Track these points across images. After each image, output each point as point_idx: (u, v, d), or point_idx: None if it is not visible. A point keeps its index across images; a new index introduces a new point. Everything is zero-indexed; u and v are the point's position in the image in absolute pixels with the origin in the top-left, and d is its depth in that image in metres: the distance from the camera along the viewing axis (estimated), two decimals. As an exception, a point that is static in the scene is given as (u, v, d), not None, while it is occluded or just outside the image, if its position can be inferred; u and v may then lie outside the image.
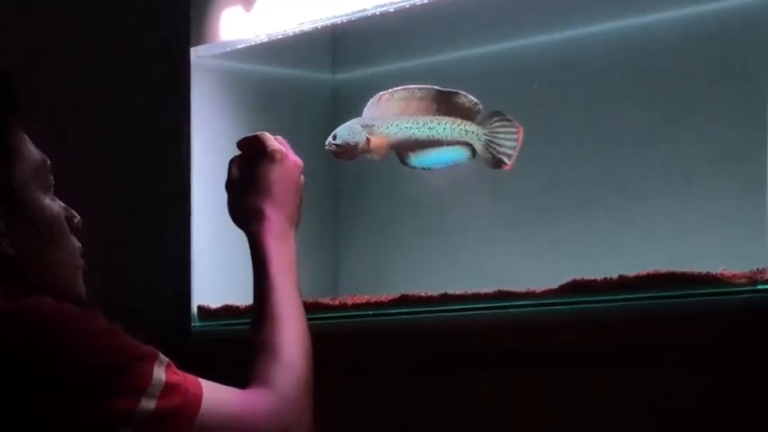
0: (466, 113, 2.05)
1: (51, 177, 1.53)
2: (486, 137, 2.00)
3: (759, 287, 1.84)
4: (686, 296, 1.90)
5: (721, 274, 1.89)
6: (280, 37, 2.49)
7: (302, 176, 1.70)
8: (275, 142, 1.69)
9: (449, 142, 1.93)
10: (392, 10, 2.27)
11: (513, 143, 2.07)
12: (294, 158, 1.70)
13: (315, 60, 2.80)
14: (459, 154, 2.00)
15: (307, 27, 2.44)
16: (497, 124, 2.06)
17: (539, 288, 2.08)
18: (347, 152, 1.96)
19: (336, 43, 2.81)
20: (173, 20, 2.64)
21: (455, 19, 2.48)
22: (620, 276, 1.98)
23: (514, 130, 2.04)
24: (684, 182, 2.24)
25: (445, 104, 2.05)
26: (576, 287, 2.03)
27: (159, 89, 2.72)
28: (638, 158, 2.30)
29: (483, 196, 2.49)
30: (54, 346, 1.36)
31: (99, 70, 2.79)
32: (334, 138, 1.93)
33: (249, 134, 1.72)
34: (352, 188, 2.76)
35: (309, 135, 2.78)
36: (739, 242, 2.09)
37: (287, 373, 1.50)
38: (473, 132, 2.00)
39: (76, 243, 1.54)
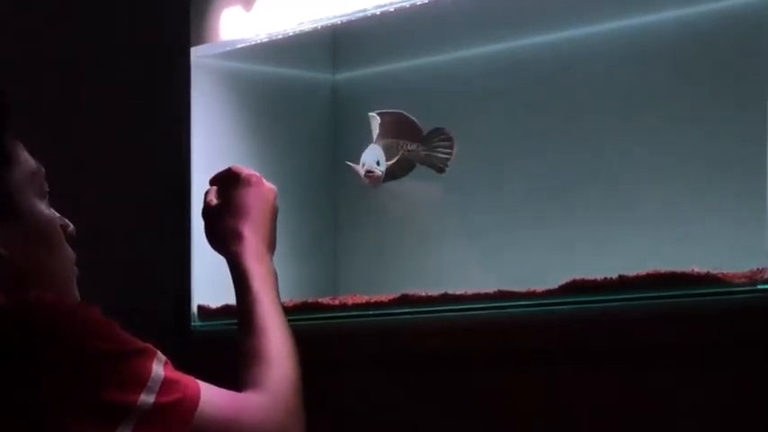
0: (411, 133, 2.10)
1: (46, 185, 1.54)
2: (425, 152, 2.04)
3: (759, 287, 1.84)
4: (686, 296, 1.90)
5: (722, 274, 1.89)
6: (280, 37, 2.49)
7: (276, 203, 1.75)
8: (247, 170, 1.75)
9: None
10: (392, 10, 2.27)
11: (447, 155, 2.11)
12: (269, 184, 1.75)
13: (315, 60, 2.80)
14: None
15: (307, 27, 2.44)
16: (436, 140, 2.10)
17: (539, 288, 2.08)
18: (381, 177, 1.97)
19: (336, 43, 2.81)
20: (173, 20, 2.64)
21: (455, 19, 2.48)
22: (620, 276, 1.98)
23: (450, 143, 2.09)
24: (684, 182, 2.24)
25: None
26: (576, 287, 2.03)
27: (159, 89, 2.72)
28: (638, 158, 2.30)
29: (483, 197, 2.49)
30: (54, 339, 1.37)
31: (99, 70, 2.79)
32: (378, 164, 1.91)
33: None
34: (351, 188, 2.76)
35: (309, 135, 2.80)
36: (739, 242, 2.09)
37: (277, 376, 1.55)
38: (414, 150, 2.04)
39: (70, 251, 1.55)
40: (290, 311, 2.42)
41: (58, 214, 1.55)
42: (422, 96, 2.64)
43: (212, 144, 2.63)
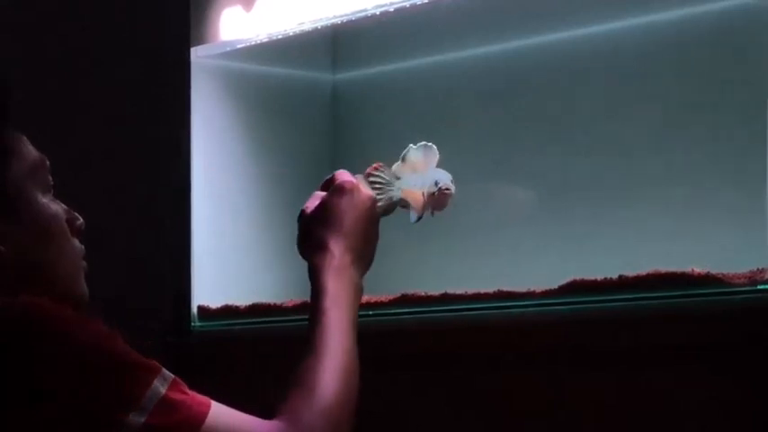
0: None
1: (50, 178, 1.52)
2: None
3: (759, 287, 1.84)
4: (686, 296, 1.90)
5: (722, 275, 1.89)
6: (280, 37, 2.49)
7: (374, 212, 1.62)
8: (347, 175, 1.62)
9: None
10: (392, 10, 2.27)
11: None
12: (366, 191, 1.61)
13: (315, 60, 2.80)
14: None
15: (307, 27, 2.44)
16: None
17: (539, 288, 2.08)
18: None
19: (336, 43, 2.81)
20: (173, 20, 2.64)
21: (455, 19, 2.48)
22: (620, 276, 1.98)
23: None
24: (684, 182, 2.24)
25: None
26: (576, 287, 2.03)
27: (159, 89, 2.72)
28: (638, 159, 2.30)
29: (483, 197, 2.48)
30: (45, 348, 1.34)
31: (99, 70, 2.79)
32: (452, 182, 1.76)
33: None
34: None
35: (309, 135, 2.80)
36: (739, 242, 2.09)
37: (317, 409, 1.42)
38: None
39: (78, 245, 1.52)
40: (290, 312, 2.45)
41: (65, 207, 1.52)
42: (422, 96, 2.64)
43: (212, 144, 2.63)
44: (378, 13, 2.29)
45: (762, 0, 2.06)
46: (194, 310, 2.57)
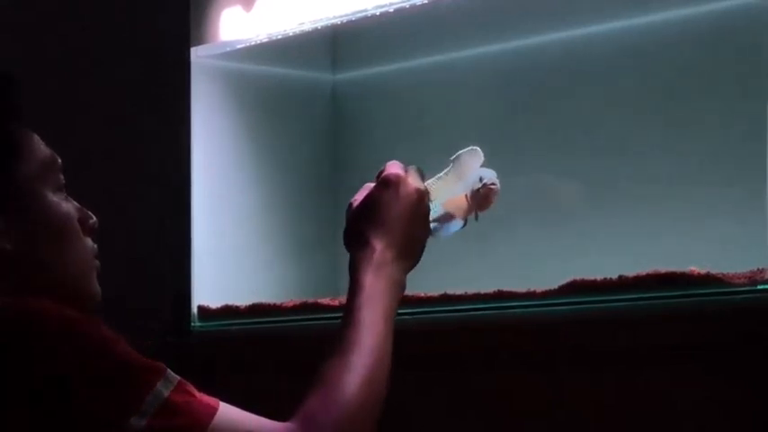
0: None
1: (62, 177, 1.50)
2: None
3: (759, 287, 1.84)
4: (686, 296, 1.90)
5: (722, 275, 1.89)
6: (280, 37, 2.49)
7: (421, 205, 1.54)
8: (395, 167, 1.55)
9: None
10: (392, 10, 2.27)
11: None
12: (413, 185, 1.54)
13: (315, 60, 2.80)
14: None
15: (307, 27, 2.44)
16: None
17: (539, 288, 2.08)
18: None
19: (336, 43, 2.81)
20: (173, 20, 2.64)
21: (455, 19, 2.48)
22: (620, 276, 1.98)
23: None
24: (684, 182, 2.24)
25: None
26: (576, 287, 2.03)
27: (159, 89, 2.72)
28: (638, 159, 2.30)
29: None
30: (45, 349, 1.33)
31: (99, 70, 2.79)
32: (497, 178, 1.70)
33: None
34: (352, 187, 2.76)
35: (309, 135, 2.80)
36: (739, 242, 2.09)
37: (336, 413, 1.36)
38: None
39: (90, 244, 1.50)
40: (290, 312, 2.45)
41: (77, 206, 1.50)
42: (421, 96, 2.64)
43: (212, 144, 2.63)
44: (378, 13, 2.29)
45: (762, 0, 2.06)
46: (194, 310, 2.57)
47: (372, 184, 1.55)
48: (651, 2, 2.27)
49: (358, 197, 1.56)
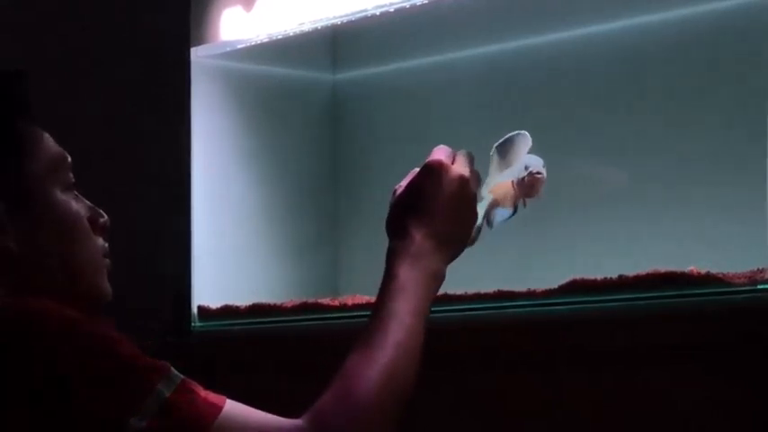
0: None
1: (71, 175, 1.49)
2: None
3: (759, 287, 1.84)
4: (686, 296, 1.90)
5: (722, 275, 1.89)
6: (280, 37, 2.49)
7: (466, 192, 1.47)
8: (439, 153, 1.49)
9: None
10: (392, 10, 2.27)
11: None
12: (457, 171, 1.47)
13: (315, 60, 2.80)
14: None
15: (307, 27, 2.44)
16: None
17: (539, 288, 2.08)
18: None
19: (336, 43, 2.81)
20: (173, 20, 2.64)
21: (455, 19, 2.48)
22: (620, 276, 1.98)
23: None
24: (684, 182, 2.24)
25: None
26: (576, 287, 2.03)
27: (159, 89, 2.72)
28: (638, 159, 2.30)
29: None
30: (45, 348, 1.32)
31: (99, 70, 2.79)
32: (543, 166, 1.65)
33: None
34: (352, 187, 2.76)
35: (309, 135, 2.80)
36: (739, 242, 2.08)
37: (349, 410, 1.32)
38: None
39: (100, 242, 1.50)
40: (289, 312, 2.45)
41: (88, 205, 1.50)
42: (422, 96, 2.64)
43: (212, 144, 2.63)
44: (378, 13, 2.29)
45: (762, 0, 2.06)
46: (194, 310, 2.57)
47: (417, 170, 1.49)
48: (651, 2, 2.27)
49: (402, 183, 1.50)
